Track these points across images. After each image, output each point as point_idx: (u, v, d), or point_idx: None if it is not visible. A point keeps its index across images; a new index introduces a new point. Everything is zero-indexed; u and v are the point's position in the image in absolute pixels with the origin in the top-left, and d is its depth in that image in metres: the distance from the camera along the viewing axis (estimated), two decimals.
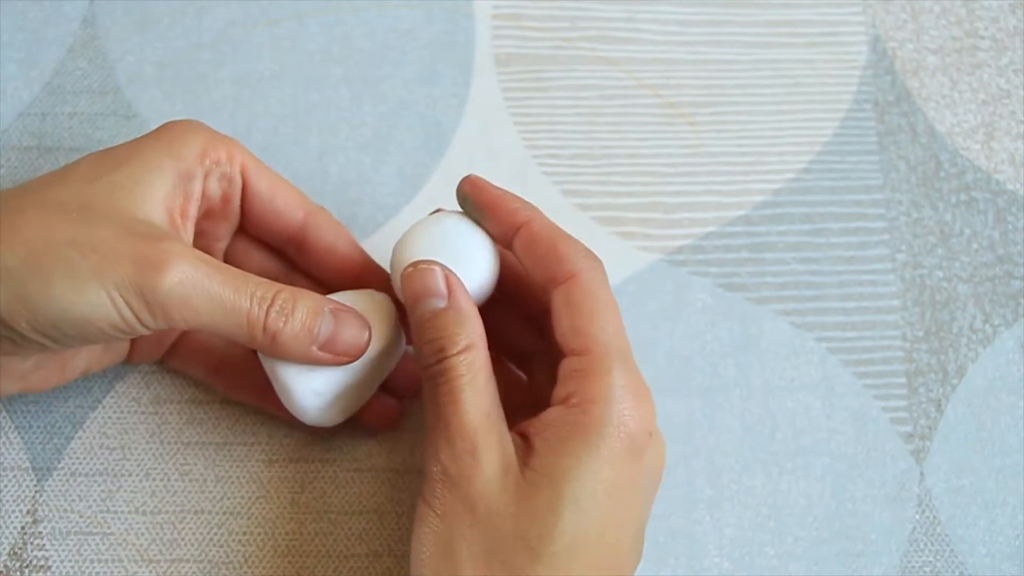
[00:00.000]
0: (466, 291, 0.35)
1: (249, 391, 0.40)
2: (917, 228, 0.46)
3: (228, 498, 0.41)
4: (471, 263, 0.36)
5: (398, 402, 0.41)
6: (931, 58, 0.49)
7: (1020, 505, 0.42)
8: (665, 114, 0.48)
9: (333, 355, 0.35)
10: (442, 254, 0.36)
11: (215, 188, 0.37)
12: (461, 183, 0.37)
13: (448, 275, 0.35)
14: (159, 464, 0.41)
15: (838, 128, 0.48)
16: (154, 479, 0.41)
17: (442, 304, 0.35)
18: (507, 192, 0.37)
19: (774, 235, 0.46)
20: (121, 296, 0.32)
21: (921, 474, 0.42)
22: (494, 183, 0.37)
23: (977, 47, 0.50)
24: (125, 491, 0.40)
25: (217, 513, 0.40)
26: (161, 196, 0.35)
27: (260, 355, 0.37)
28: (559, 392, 0.34)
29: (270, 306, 0.34)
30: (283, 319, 0.34)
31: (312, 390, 0.36)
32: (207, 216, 0.38)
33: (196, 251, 0.34)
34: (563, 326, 0.34)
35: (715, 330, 0.44)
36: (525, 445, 0.33)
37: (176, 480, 0.41)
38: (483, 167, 0.46)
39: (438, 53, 0.48)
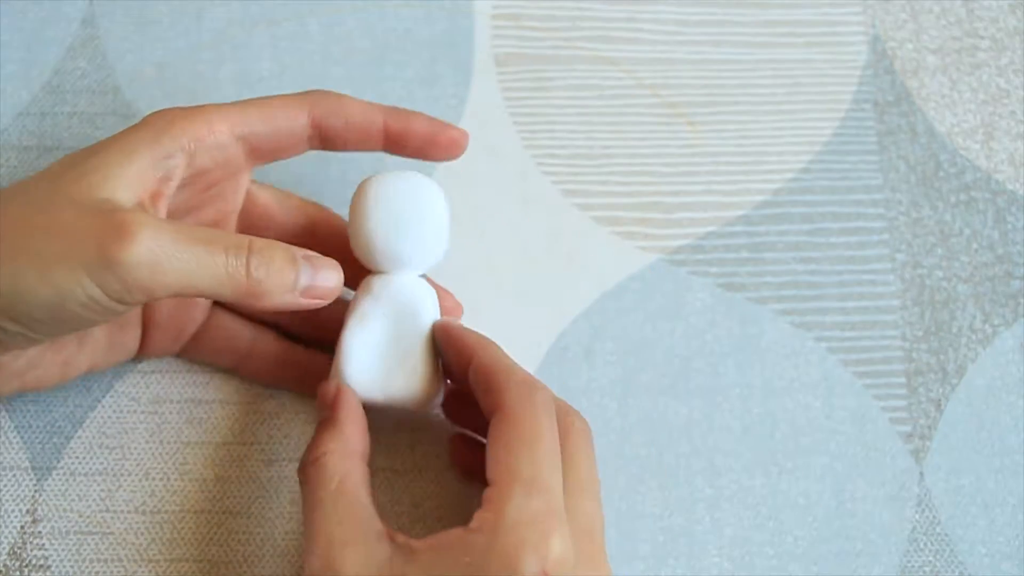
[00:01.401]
0: (353, 404, 0.36)
1: (282, 376, 0.41)
2: (917, 228, 0.46)
3: (228, 498, 0.41)
4: (421, 231, 0.37)
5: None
6: (931, 58, 0.49)
7: (1020, 505, 0.42)
8: (665, 114, 0.48)
9: (313, 299, 0.35)
10: (398, 223, 0.37)
11: (206, 162, 0.36)
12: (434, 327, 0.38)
13: (341, 388, 0.36)
14: (159, 463, 0.41)
15: (838, 128, 0.48)
16: (154, 479, 0.41)
17: (327, 414, 0.36)
18: (467, 331, 0.37)
19: (774, 235, 0.46)
20: (89, 276, 0.32)
21: (921, 474, 0.42)
22: (463, 325, 0.38)
23: (977, 47, 0.50)
24: (125, 490, 0.40)
25: (217, 513, 0.40)
26: (130, 177, 0.34)
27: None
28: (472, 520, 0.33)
29: (249, 255, 0.34)
30: (263, 267, 0.34)
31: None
32: (214, 191, 0.38)
33: (160, 218, 0.33)
34: (487, 456, 0.34)
35: (715, 330, 0.44)
36: (406, 553, 0.32)
37: (176, 480, 0.41)
38: (483, 167, 0.46)
39: (438, 53, 0.48)
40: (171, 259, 0.32)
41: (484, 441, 0.35)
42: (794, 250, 0.46)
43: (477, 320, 0.44)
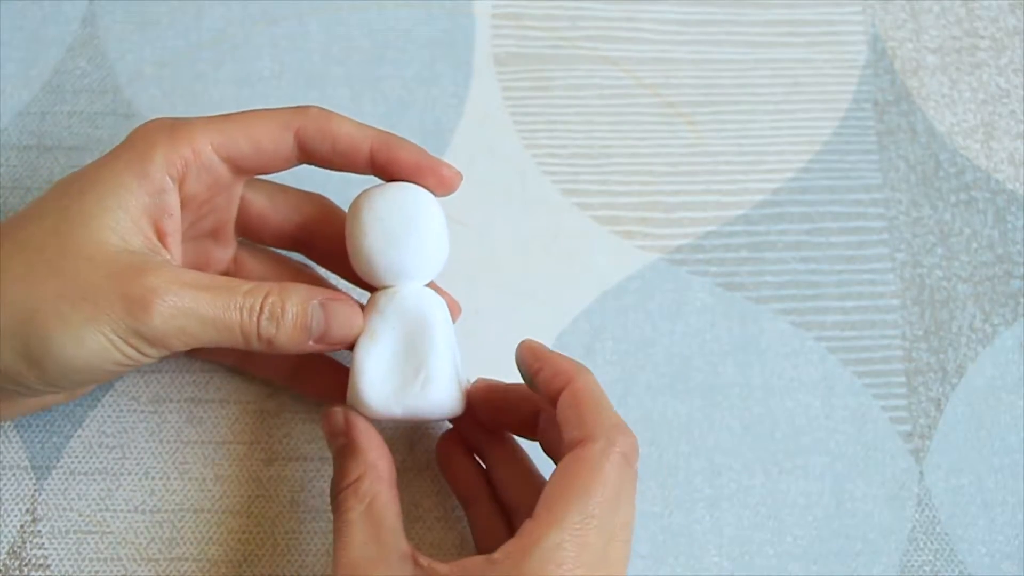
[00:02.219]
0: (364, 425, 0.36)
1: (282, 373, 0.41)
2: (916, 227, 0.46)
3: (227, 497, 0.41)
4: (420, 242, 0.37)
5: None
6: (930, 58, 0.49)
7: (1020, 504, 0.42)
8: (664, 113, 0.48)
9: (328, 345, 0.36)
10: (396, 235, 0.37)
11: (196, 186, 0.36)
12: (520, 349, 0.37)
13: (347, 413, 0.36)
14: (158, 463, 0.41)
15: (837, 127, 0.48)
16: (153, 478, 0.41)
17: (341, 441, 0.36)
18: (560, 355, 0.36)
19: (773, 234, 0.46)
20: (119, 336, 0.33)
21: (920, 473, 0.42)
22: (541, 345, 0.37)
23: (976, 47, 0.50)
24: (124, 490, 0.40)
25: (216, 512, 0.40)
26: (134, 219, 0.35)
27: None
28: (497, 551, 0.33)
29: (260, 315, 0.35)
30: (274, 325, 0.35)
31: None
32: (207, 208, 0.38)
33: (180, 273, 0.34)
34: (547, 484, 0.33)
35: (714, 329, 0.44)
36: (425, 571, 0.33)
37: (175, 479, 0.41)
38: (483, 166, 0.46)
39: (438, 52, 0.48)
40: (192, 321, 0.34)
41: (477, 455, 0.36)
42: (794, 249, 0.46)
43: (478, 320, 0.44)
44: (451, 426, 0.40)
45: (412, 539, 0.38)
